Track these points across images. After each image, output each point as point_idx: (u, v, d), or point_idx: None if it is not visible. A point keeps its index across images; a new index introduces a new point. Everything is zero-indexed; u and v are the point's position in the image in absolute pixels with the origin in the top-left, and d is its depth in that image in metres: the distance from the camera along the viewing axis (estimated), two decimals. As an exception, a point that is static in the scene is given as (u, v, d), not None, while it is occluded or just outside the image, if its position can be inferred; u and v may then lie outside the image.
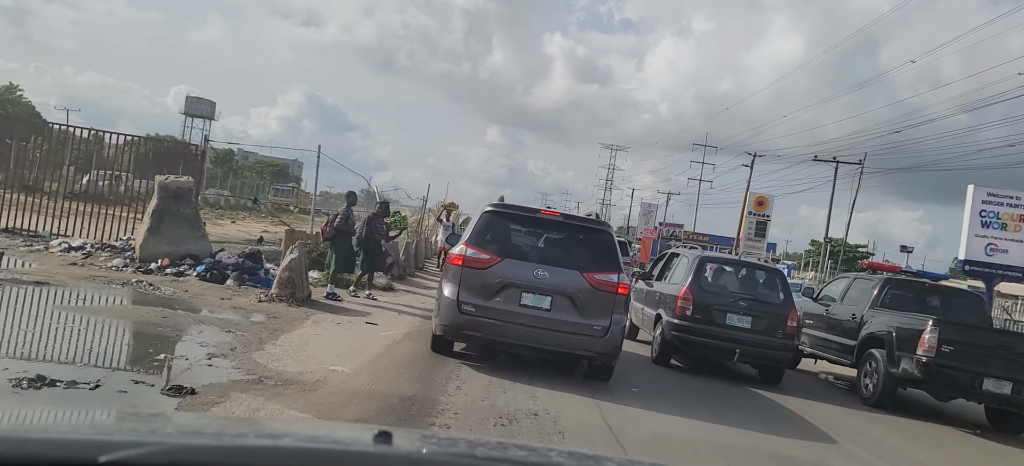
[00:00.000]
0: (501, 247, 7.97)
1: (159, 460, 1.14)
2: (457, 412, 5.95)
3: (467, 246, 7.92)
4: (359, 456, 1.33)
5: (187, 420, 2.42)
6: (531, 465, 1.45)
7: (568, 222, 8.54)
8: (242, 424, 2.02)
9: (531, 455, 1.54)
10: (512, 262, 7.84)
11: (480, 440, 1.73)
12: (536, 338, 7.72)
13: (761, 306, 10.44)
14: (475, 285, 7.71)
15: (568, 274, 7.77)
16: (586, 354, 7.95)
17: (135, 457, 1.12)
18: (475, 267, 7.78)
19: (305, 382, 6.07)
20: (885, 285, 11.12)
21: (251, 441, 1.50)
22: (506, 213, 8.33)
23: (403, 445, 1.38)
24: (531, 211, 8.50)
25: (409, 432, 2.61)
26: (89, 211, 14.87)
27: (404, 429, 4.64)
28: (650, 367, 10.28)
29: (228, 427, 1.79)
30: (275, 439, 1.58)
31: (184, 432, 1.59)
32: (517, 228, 8.53)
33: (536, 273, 7.73)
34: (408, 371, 7.32)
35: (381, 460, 1.29)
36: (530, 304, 7.69)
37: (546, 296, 7.69)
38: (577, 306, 7.71)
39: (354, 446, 1.48)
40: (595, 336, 7.69)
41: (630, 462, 1.73)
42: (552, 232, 8.48)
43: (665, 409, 7.49)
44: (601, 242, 8.22)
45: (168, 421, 2.22)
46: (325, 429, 2.62)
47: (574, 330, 7.66)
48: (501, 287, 7.70)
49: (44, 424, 1.54)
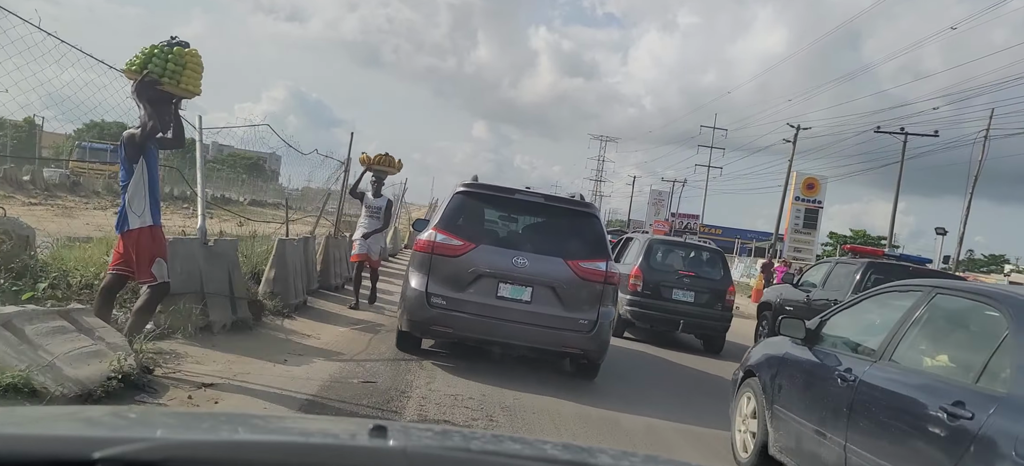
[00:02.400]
0: (475, 232, 7.24)
1: (154, 456, 1.13)
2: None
3: (437, 231, 7.13)
4: (355, 450, 1.33)
5: (181, 416, 2.41)
6: (525, 458, 1.44)
7: (550, 204, 7.60)
8: (236, 419, 1.98)
9: (525, 448, 1.54)
10: (488, 249, 7.09)
11: (475, 434, 1.74)
12: (515, 334, 7.01)
13: (703, 282, 11.69)
14: (446, 275, 6.99)
15: (550, 262, 7.06)
16: (571, 351, 7.31)
17: (130, 453, 1.11)
18: (446, 254, 7.02)
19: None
20: (867, 269, 10.98)
21: (245, 436, 1.48)
22: (481, 194, 7.48)
23: (398, 439, 1.37)
24: (509, 192, 7.52)
25: (404, 426, 2.58)
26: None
27: (399, 423, 4.28)
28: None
29: (222, 422, 1.76)
30: (270, 434, 1.57)
31: (178, 427, 1.57)
32: (493, 211, 7.87)
33: (515, 261, 6.99)
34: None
35: (376, 454, 1.29)
36: (508, 296, 6.97)
37: (526, 287, 6.99)
38: (561, 297, 7.01)
39: (349, 440, 1.47)
40: (581, 331, 7.02)
41: (624, 454, 1.62)
42: (532, 215, 7.75)
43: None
44: (587, 226, 7.45)
45: (162, 417, 2.22)
46: (320, 423, 2.60)
47: (557, 324, 6.98)
48: (475, 277, 6.97)
49: (37, 419, 1.50)
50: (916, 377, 3.93)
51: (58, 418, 1.66)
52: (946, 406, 3.43)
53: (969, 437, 3.25)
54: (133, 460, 1.10)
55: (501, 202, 7.69)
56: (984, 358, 3.57)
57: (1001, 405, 3.23)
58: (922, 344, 4.15)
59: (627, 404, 6.86)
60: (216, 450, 1.26)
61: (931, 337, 4.17)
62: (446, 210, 7.38)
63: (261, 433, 1.57)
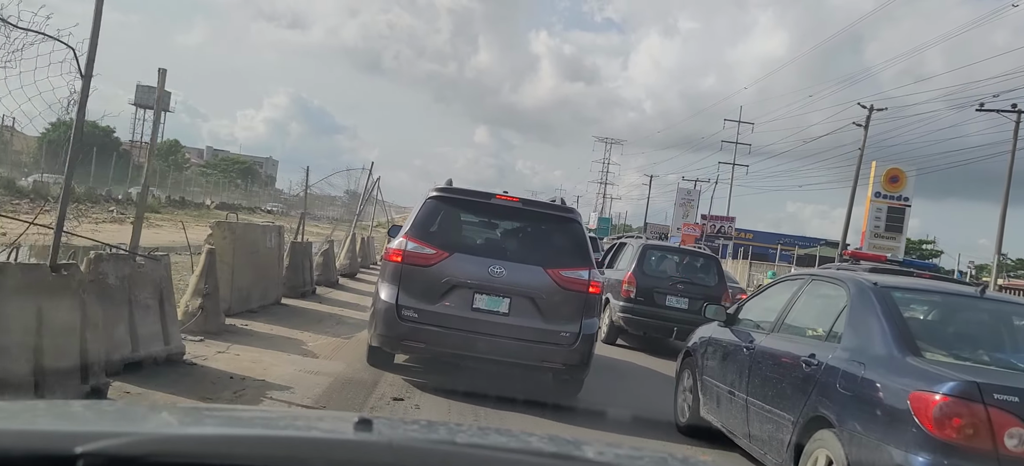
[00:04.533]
0: (449, 239, 6.77)
1: (137, 450, 1.11)
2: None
3: (408, 239, 6.65)
4: (340, 444, 1.31)
5: (165, 410, 2.39)
6: (511, 450, 1.43)
7: (529, 209, 7.09)
8: (221, 413, 2.01)
9: (511, 440, 1.56)
10: (463, 257, 6.63)
11: (461, 427, 1.80)
12: (492, 348, 6.50)
13: (697, 289, 11.46)
14: (418, 286, 6.50)
15: (530, 271, 6.58)
16: (551, 366, 6.77)
17: (112, 448, 1.09)
18: (417, 264, 6.53)
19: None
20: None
21: (230, 430, 1.46)
22: (455, 199, 6.99)
23: (383, 432, 1.37)
24: (485, 196, 7.03)
25: (390, 420, 2.49)
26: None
27: (384, 417, 4.14)
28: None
29: (206, 417, 1.72)
30: (254, 428, 1.56)
31: (162, 422, 1.56)
32: (469, 217, 7.36)
33: (491, 270, 6.51)
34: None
35: (362, 447, 1.27)
36: (484, 308, 6.48)
37: (504, 298, 6.50)
38: (540, 309, 6.53)
39: (335, 434, 1.46)
40: (562, 345, 6.52)
41: (608, 446, 1.59)
42: (511, 221, 7.28)
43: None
44: (569, 232, 6.98)
45: (146, 411, 2.21)
46: (305, 417, 2.61)
47: (537, 338, 6.50)
48: (449, 288, 6.48)
49: (18, 414, 1.45)
50: (791, 342, 5.15)
51: (39, 413, 1.63)
52: (804, 358, 4.66)
53: (816, 377, 4.49)
54: (116, 455, 1.08)
55: (477, 207, 7.19)
56: (831, 322, 4.84)
57: (835, 353, 4.47)
58: (799, 317, 5.41)
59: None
60: (200, 444, 1.23)
61: (805, 311, 5.41)
62: (417, 216, 6.88)
63: (246, 427, 1.56)
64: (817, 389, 4.42)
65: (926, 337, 4.42)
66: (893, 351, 4.16)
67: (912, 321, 4.57)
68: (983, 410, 3.53)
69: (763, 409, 4.97)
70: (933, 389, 3.70)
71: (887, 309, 4.40)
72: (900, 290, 4.76)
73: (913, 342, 4.18)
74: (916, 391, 3.76)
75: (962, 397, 3.59)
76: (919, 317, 4.79)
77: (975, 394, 3.58)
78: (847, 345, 4.48)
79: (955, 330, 4.83)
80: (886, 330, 4.28)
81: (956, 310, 5.08)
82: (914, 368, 3.97)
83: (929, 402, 3.65)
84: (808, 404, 4.45)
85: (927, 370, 3.92)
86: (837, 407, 4.20)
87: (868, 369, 4.15)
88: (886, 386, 4.00)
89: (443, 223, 6.90)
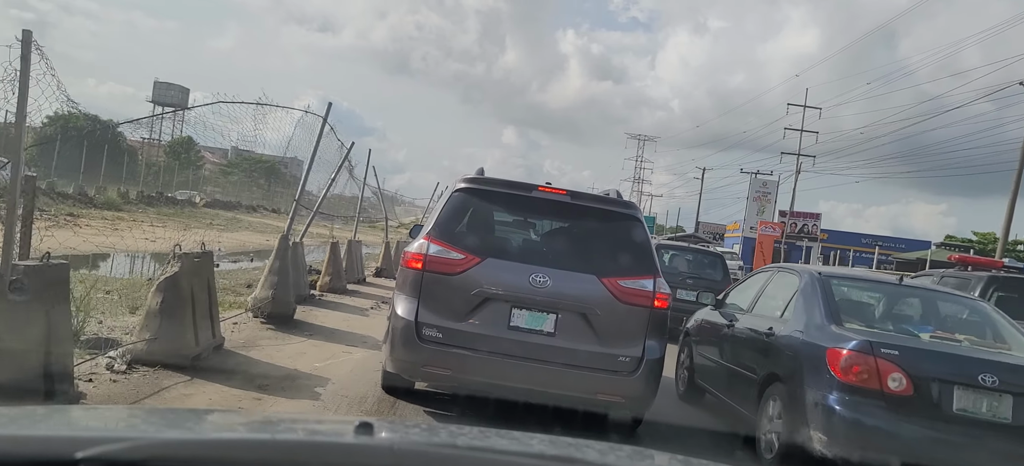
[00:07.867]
0: (480, 241, 5.64)
1: (137, 455, 1.13)
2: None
3: (430, 240, 5.53)
4: (341, 447, 1.32)
5: (165, 414, 2.39)
6: (513, 453, 1.42)
7: (578, 204, 5.83)
8: (221, 417, 2.05)
9: (512, 443, 1.49)
10: (497, 263, 5.50)
11: (461, 429, 1.68)
12: (533, 377, 5.35)
13: (705, 283, 13.05)
14: (442, 299, 5.41)
15: (580, 280, 5.47)
16: (607, 398, 5.48)
17: (113, 453, 1.11)
18: (441, 271, 5.43)
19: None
20: (989, 285, 9.46)
21: (229, 434, 1.50)
22: (487, 192, 5.81)
23: (384, 435, 1.38)
24: (525, 188, 5.81)
25: (391, 423, 2.47)
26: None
27: (385, 420, 4.10)
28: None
29: (206, 421, 1.80)
30: (255, 432, 1.56)
31: (162, 426, 1.59)
32: (504, 214, 6.17)
33: (533, 279, 5.38)
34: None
35: (362, 451, 1.28)
36: (524, 326, 5.39)
37: (548, 314, 5.39)
38: (594, 328, 5.40)
39: (336, 437, 1.48)
40: (620, 372, 5.39)
41: (611, 448, 1.63)
42: (556, 219, 6.11)
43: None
44: (628, 232, 5.79)
45: (145, 416, 2.21)
46: (306, 421, 2.44)
47: (590, 363, 5.37)
48: (481, 301, 5.39)
49: (18, 419, 1.50)
50: (759, 319, 6.44)
51: (39, 418, 1.63)
52: (765, 331, 6.07)
53: (772, 344, 5.89)
54: (116, 460, 1.09)
55: (514, 201, 5.91)
56: (785, 303, 6.13)
57: (785, 326, 5.85)
58: (766, 301, 6.69)
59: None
60: (200, 449, 1.24)
61: (772, 296, 6.66)
62: (442, 213, 5.70)
63: (246, 431, 1.56)
64: (772, 353, 5.80)
65: (849, 313, 5.75)
66: (822, 322, 5.47)
67: (842, 301, 5.88)
68: (874, 361, 4.88)
69: (738, 371, 6.33)
70: (840, 346, 5.07)
71: (824, 293, 5.72)
72: (838, 278, 6.23)
73: (838, 316, 5.51)
74: (831, 348, 5.11)
75: (859, 350, 4.95)
76: (850, 299, 6.19)
77: (868, 349, 4.94)
78: (794, 319, 5.80)
79: (872, 308, 6.27)
80: (820, 308, 5.60)
81: (877, 294, 6.61)
82: (833, 333, 5.30)
83: (838, 355, 5.01)
84: (765, 364, 5.82)
85: (841, 333, 5.24)
86: (784, 365, 5.56)
87: (805, 336, 5.49)
88: (814, 346, 5.31)
89: (473, 221, 5.80)
